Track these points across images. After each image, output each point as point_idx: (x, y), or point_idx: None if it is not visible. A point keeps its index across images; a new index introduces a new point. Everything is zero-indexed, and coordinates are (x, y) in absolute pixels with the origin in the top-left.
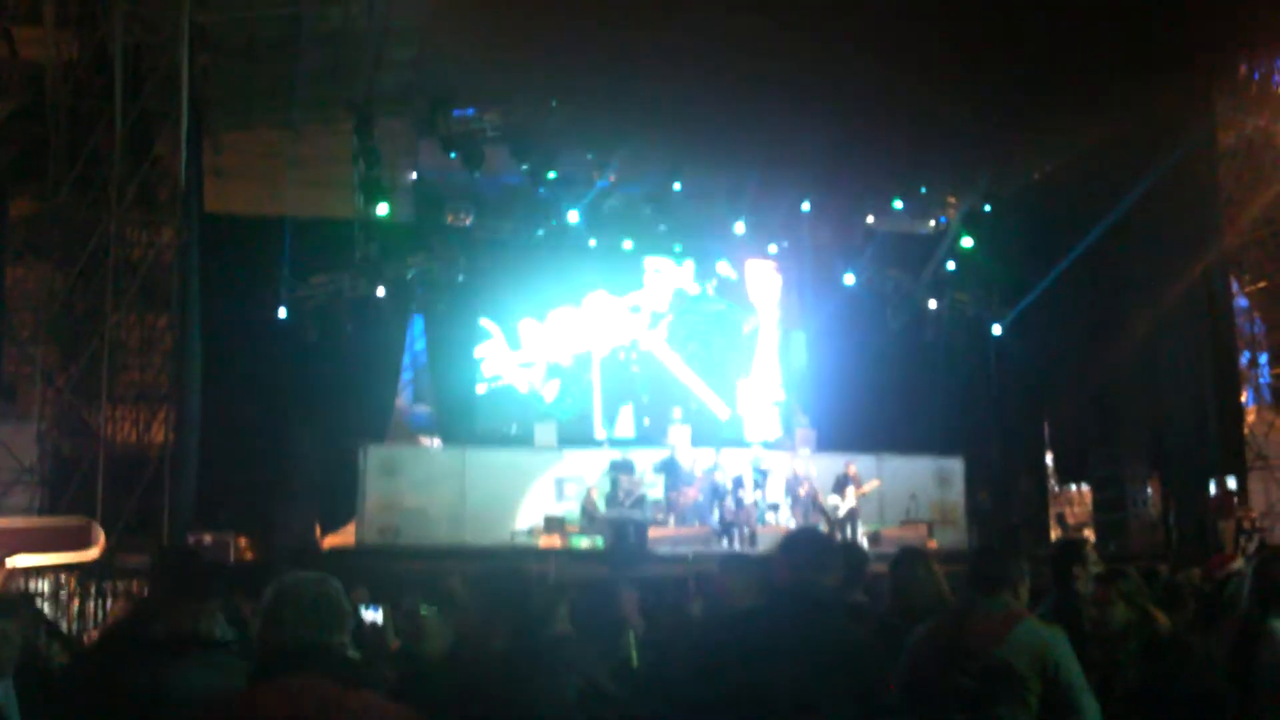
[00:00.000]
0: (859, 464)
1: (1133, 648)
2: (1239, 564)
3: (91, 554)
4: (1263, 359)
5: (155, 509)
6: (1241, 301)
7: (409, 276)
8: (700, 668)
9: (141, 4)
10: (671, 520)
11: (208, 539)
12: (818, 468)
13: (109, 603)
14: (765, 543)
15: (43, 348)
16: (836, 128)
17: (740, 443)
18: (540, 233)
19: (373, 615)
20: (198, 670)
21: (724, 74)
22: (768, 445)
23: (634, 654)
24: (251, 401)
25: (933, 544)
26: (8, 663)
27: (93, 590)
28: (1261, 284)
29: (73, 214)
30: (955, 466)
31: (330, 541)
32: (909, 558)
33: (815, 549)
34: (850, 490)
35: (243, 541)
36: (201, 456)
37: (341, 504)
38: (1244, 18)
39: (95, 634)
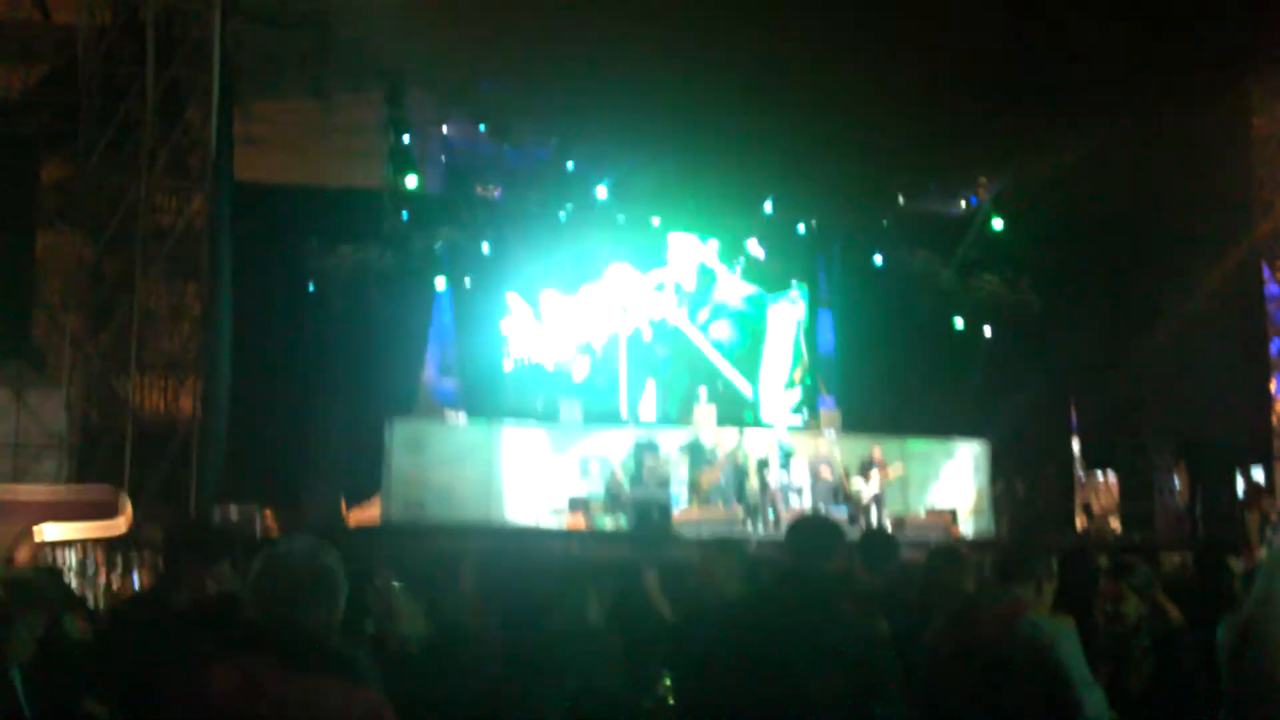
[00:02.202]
0: (884, 447)
1: (1145, 641)
2: (1263, 555)
3: (119, 525)
4: None
5: (183, 480)
6: (1273, 288)
7: (436, 248)
8: (691, 661)
9: None
10: (695, 501)
11: (234, 512)
12: (842, 450)
13: (135, 575)
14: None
15: (72, 315)
16: (869, 107)
17: (766, 423)
18: (569, 206)
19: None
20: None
21: (754, 51)
22: (794, 427)
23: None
24: (279, 373)
25: (957, 531)
26: (15, 653)
27: (119, 563)
28: None
29: (103, 180)
30: (981, 452)
31: (355, 517)
32: (941, 558)
33: (819, 534)
34: (875, 474)
35: (268, 515)
36: (229, 428)
37: (367, 478)
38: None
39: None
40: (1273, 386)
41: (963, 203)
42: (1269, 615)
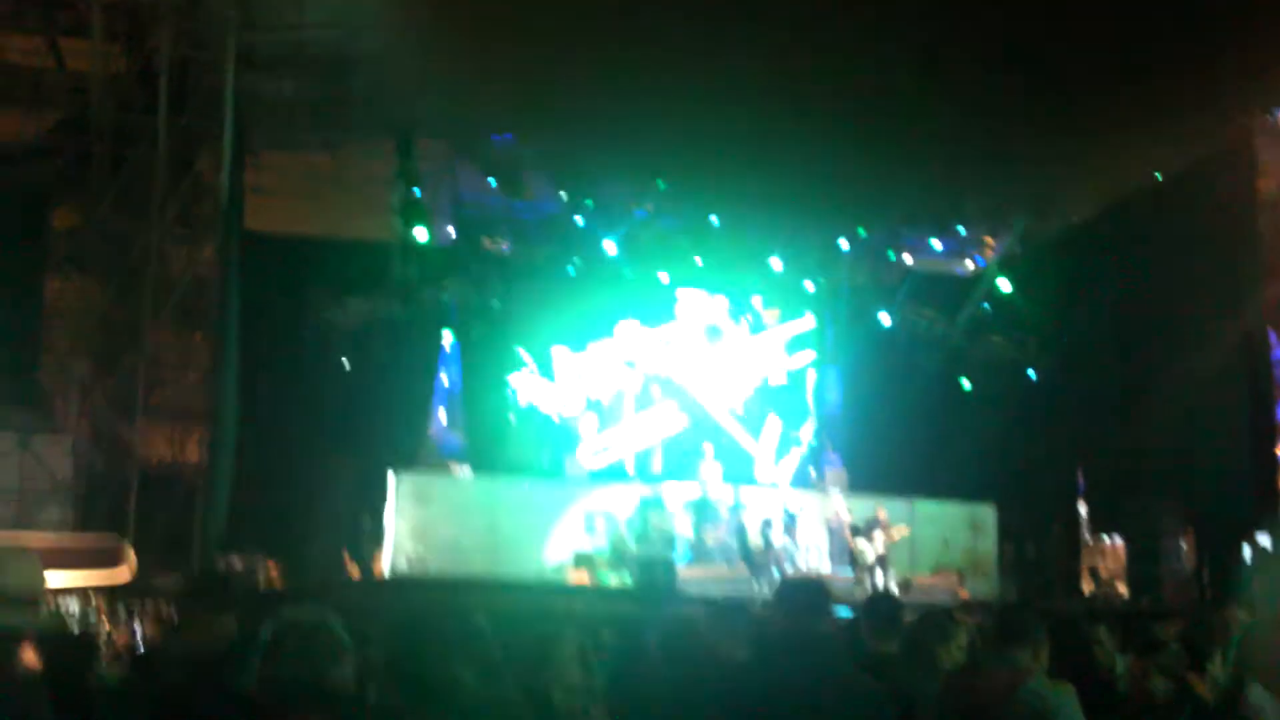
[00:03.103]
0: (890, 507)
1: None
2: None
3: (122, 574)
4: None
5: (186, 529)
6: (1279, 353)
7: (445, 300)
8: None
9: (190, 21)
10: (700, 559)
11: (238, 562)
12: (848, 510)
13: (138, 623)
14: None
15: (80, 361)
16: (876, 167)
17: (772, 482)
18: (577, 261)
19: None
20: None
21: (765, 110)
22: (798, 485)
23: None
24: (285, 423)
25: (964, 593)
26: None
27: (121, 610)
28: None
29: (114, 228)
30: (988, 514)
31: (358, 570)
32: (928, 622)
33: (809, 596)
34: (879, 535)
35: (272, 566)
36: (234, 477)
37: (371, 531)
38: None
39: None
40: (1279, 451)
41: (969, 263)
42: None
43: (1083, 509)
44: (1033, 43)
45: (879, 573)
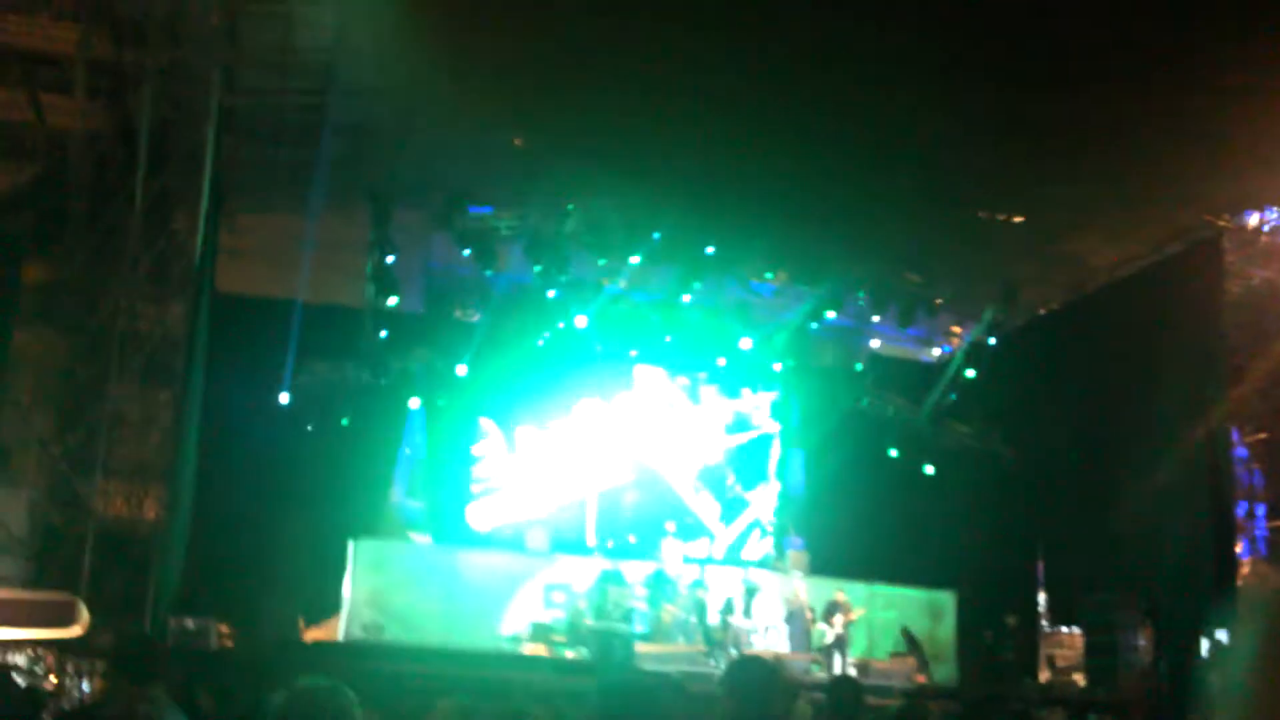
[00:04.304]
0: (850, 591)
1: None
2: None
3: (74, 632)
4: (1260, 510)
5: (141, 588)
6: (1241, 452)
7: (412, 368)
8: None
9: (172, 82)
10: (658, 635)
11: (189, 624)
12: (808, 591)
13: (85, 681)
14: None
15: (42, 416)
16: (847, 255)
17: (732, 560)
18: (547, 335)
19: None
20: None
21: (737, 195)
22: (758, 565)
23: None
24: (246, 485)
25: (921, 678)
26: None
27: (70, 668)
28: (1262, 435)
29: (85, 284)
30: (947, 600)
31: (313, 635)
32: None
33: (759, 676)
34: (838, 618)
35: (224, 629)
36: (191, 538)
37: (328, 596)
38: (1253, 172)
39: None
40: (1239, 549)
41: (936, 350)
42: None
43: (1042, 599)
44: (1004, 133)
45: (837, 656)
